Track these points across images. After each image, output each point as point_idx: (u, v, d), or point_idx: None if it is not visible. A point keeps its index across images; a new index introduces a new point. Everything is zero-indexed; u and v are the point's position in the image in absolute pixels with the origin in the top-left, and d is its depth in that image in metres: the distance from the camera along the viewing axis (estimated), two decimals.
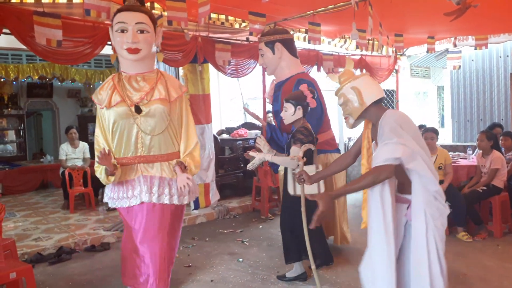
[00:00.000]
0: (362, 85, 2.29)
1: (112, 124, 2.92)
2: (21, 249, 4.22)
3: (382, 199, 2.23)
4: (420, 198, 2.19)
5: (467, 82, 8.68)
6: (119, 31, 2.83)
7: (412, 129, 2.19)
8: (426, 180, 2.15)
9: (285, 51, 3.94)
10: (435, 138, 4.80)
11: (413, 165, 2.12)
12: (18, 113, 9.78)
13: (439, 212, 2.19)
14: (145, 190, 2.93)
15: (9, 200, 6.91)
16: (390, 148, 2.11)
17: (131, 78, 2.98)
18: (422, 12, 5.01)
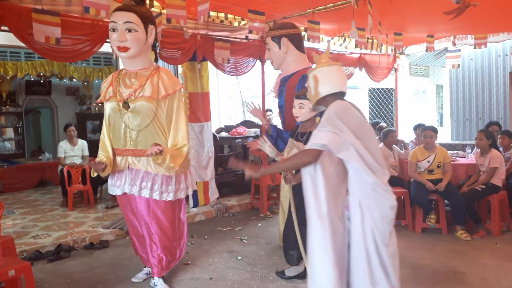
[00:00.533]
0: (322, 76, 2.36)
1: (108, 117, 3.21)
2: (20, 246, 4.22)
3: (314, 183, 2.27)
4: (355, 188, 2.24)
5: (466, 81, 8.69)
6: (111, 30, 3.01)
7: (353, 121, 2.22)
8: (360, 172, 2.19)
9: (291, 46, 3.87)
10: (434, 136, 4.81)
11: (343, 154, 2.16)
12: (17, 110, 9.76)
13: (376, 203, 2.21)
14: (128, 182, 3.20)
15: (7, 197, 6.89)
16: (320, 134, 2.19)
17: (126, 75, 3.18)
18: (421, 11, 5.01)
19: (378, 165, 2.20)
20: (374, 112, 11.92)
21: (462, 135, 8.81)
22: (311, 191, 2.27)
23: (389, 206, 2.22)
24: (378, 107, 11.92)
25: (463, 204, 4.57)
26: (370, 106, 11.95)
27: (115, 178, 3.31)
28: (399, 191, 5.01)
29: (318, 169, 2.25)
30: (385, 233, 2.23)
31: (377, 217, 2.21)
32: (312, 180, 2.27)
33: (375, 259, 2.21)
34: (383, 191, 2.20)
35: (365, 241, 2.21)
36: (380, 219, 2.21)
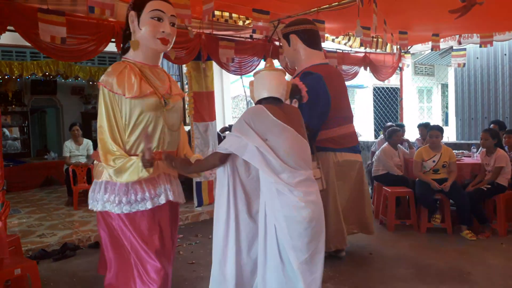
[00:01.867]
0: (257, 82, 2.45)
1: (137, 116, 2.60)
2: (26, 245, 4.25)
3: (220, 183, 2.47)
4: (263, 189, 2.32)
5: (472, 80, 8.64)
6: (155, 19, 2.61)
7: (264, 125, 2.27)
8: (262, 172, 2.27)
9: (300, 43, 3.78)
10: (439, 136, 4.79)
11: (247, 156, 2.27)
12: (22, 110, 9.82)
13: (281, 204, 2.22)
14: (168, 188, 2.74)
15: (13, 196, 6.94)
16: (226, 139, 2.36)
17: (152, 69, 2.77)
18: (427, 10, 4.99)
19: (286, 165, 2.23)
20: (379, 111, 11.89)
21: (467, 134, 8.76)
22: (218, 192, 2.48)
23: (294, 208, 2.21)
24: (383, 106, 11.89)
25: (468, 204, 4.55)
26: (375, 105, 11.92)
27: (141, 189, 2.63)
28: (404, 190, 5.00)
29: (228, 171, 2.43)
30: (290, 235, 2.21)
31: (281, 218, 2.22)
32: (220, 181, 2.46)
33: (274, 262, 2.25)
34: (289, 192, 2.21)
35: (265, 243, 2.29)
36: (284, 220, 2.21)
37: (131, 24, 2.67)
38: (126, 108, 2.59)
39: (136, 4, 2.66)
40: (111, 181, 2.59)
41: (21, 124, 9.95)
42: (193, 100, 5.64)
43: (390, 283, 3.41)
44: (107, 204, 2.59)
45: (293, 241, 2.20)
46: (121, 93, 2.56)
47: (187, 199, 6.09)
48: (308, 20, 4.04)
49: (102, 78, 2.62)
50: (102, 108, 2.58)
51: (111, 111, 2.58)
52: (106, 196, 2.60)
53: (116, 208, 2.57)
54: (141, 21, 2.64)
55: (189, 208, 5.78)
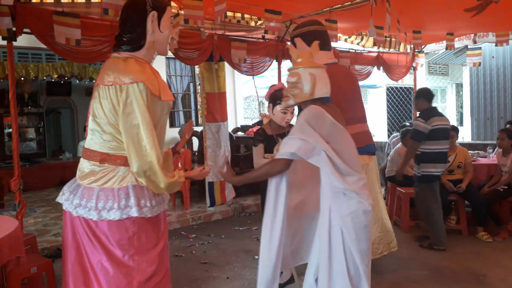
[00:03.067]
0: (319, 76, 2.29)
1: (159, 118, 2.45)
2: (41, 244, 4.31)
3: (277, 192, 2.27)
4: (326, 192, 2.22)
5: (487, 79, 8.51)
6: (172, 25, 2.56)
7: (326, 127, 2.18)
8: (331, 177, 2.17)
9: (305, 45, 3.79)
10: (454, 136, 4.73)
11: (314, 160, 2.15)
12: (38, 111, 9.97)
13: (349, 209, 2.18)
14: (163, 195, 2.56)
15: (29, 196, 7.05)
16: (289, 143, 2.17)
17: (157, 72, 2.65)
18: (441, 8, 4.93)
19: (352, 170, 2.19)
20: (392, 111, 11.79)
21: (483, 134, 8.63)
22: (272, 202, 2.29)
23: (362, 212, 2.19)
24: (396, 106, 11.78)
25: (484, 205, 4.48)
26: (388, 105, 11.82)
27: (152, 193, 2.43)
28: None
29: (284, 180, 2.27)
30: (361, 241, 2.20)
31: (349, 223, 2.18)
32: (276, 190, 2.29)
33: (340, 267, 2.20)
34: (356, 196, 2.18)
35: (330, 247, 2.21)
36: (352, 224, 2.18)
37: (151, 23, 2.50)
38: (156, 111, 2.38)
39: (158, 6, 2.56)
40: (138, 185, 2.36)
41: (36, 125, 10.10)
42: (206, 101, 5.67)
43: (403, 285, 3.38)
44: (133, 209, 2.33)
45: (360, 244, 2.19)
46: (157, 95, 2.36)
47: (199, 199, 6.17)
48: (313, 21, 3.98)
49: (140, 76, 2.36)
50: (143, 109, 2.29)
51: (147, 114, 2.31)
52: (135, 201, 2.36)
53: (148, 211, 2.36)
54: (162, 24, 2.54)
55: (202, 208, 5.81)
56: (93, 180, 2.37)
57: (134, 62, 2.47)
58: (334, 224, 2.19)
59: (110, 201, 2.33)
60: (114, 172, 2.40)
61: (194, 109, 9.05)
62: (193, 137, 7.38)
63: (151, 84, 2.35)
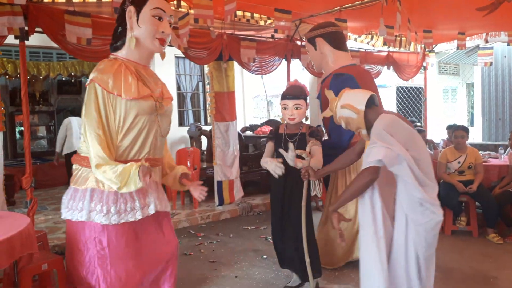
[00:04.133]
0: (348, 99, 2.33)
1: (132, 119, 2.41)
2: (52, 241, 4.35)
3: (372, 204, 2.24)
4: (403, 202, 2.20)
5: (499, 79, 8.42)
6: (157, 17, 2.45)
7: (404, 135, 2.17)
8: (409, 186, 2.14)
9: (327, 45, 3.72)
10: (465, 136, 4.68)
11: (396, 168, 2.13)
12: (49, 109, 10.06)
13: (425, 219, 2.17)
14: (155, 196, 2.52)
15: (40, 193, 7.13)
16: (373, 151, 2.13)
17: (146, 70, 2.59)
18: (452, 7, 4.88)
19: (427, 179, 2.16)
20: (402, 111, 11.70)
21: (494, 135, 8.53)
22: (369, 211, 2.24)
23: (436, 222, 2.18)
24: (407, 106, 11.70)
25: (495, 206, 4.43)
26: (398, 105, 11.74)
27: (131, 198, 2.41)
28: None
29: (376, 189, 2.23)
30: (428, 248, 2.22)
31: (421, 232, 2.18)
32: (370, 200, 2.24)
33: (413, 273, 2.22)
34: (431, 206, 2.16)
35: (407, 254, 2.21)
36: (424, 234, 2.19)
37: (129, 20, 2.46)
38: (121, 110, 2.38)
39: (136, 0, 2.47)
40: (98, 189, 2.36)
41: (47, 123, 10.20)
42: (214, 100, 5.68)
43: None
44: (92, 214, 2.34)
45: (427, 252, 2.23)
46: (116, 94, 2.35)
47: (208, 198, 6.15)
48: (332, 23, 3.96)
49: (95, 75, 2.40)
50: (92, 108, 2.33)
51: (103, 112, 2.35)
52: (92, 205, 2.35)
53: (103, 218, 2.33)
54: (141, 18, 2.45)
55: (210, 207, 5.82)
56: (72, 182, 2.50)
57: (107, 61, 2.50)
58: (410, 233, 2.19)
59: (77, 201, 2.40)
60: (79, 172, 2.48)
61: (203, 108, 9.07)
62: (202, 136, 7.40)
63: (106, 83, 2.34)
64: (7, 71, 7.17)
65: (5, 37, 3.63)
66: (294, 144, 3.03)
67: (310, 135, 3.09)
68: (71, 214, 2.39)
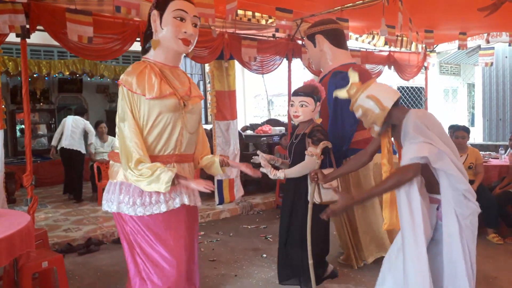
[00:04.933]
0: (376, 92, 2.27)
1: (156, 116, 2.58)
2: (52, 239, 4.36)
3: (409, 200, 2.16)
4: (449, 197, 2.14)
5: (500, 80, 8.41)
6: (178, 19, 2.58)
7: (438, 128, 2.15)
8: (454, 179, 2.10)
9: (326, 43, 3.66)
10: (466, 137, 4.68)
11: (440, 164, 2.07)
12: (50, 107, 10.07)
13: (469, 210, 2.14)
14: (184, 191, 2.67)
15: (41, 191, 7.14)
16: (416, 147, 2.06)
17: (172, 70, 2.75)
18: (454, 7, 4.88)
19: (464, 172, 2.15)
20: None
21: (495, 135, 8.53)
22: (407, 211, 2.16)
23: (477, 212, 2.17)
24: (408, 106, 11.69)
25: (495, 206, 4.43)
26: None
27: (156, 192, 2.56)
28: None
29: (414, 184, 2.14)
30: (474, 242, 2.19)
31: (469, 225, 2.15)
32: (408, 198, 2.16)
33: (469, 270, 2.18)
34: (472, 197, 2.14)
35: (463, 251, 2.15)
36: (471, 226, 2.16)
37: (153, 23, 2.64)
38: (144, 108, 2.56)
39: (159, 3, 2.63)
40: (126, 182, 2.55)
41: (48, 121, 10.21)
42: (215, 99, 5.68)
43: None
44: (121, 205, 2.54)
45: (473, 245, 2.19)
46: (140, 93, 2.53)
47: (208, 197, 6.18)
48: (332, 20, 3.91)
49: (122, 77, 2.60)
50: (125, 109, 2.55)
51: (130, 111, 2.54)
52: (120, 197, 2.55)
53: (130, 209, 2.52)
54: (163, 21, 2.61)
55: (210, 206, 5.83)
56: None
57: (135, 64, 2.69)
58: (462, 227, 2.14)
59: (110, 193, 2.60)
60: (113, 167, 2.68)
61: (203, 107, 9.08)
62: None
63: (130, 84, 2.52)
64: (8, 69, 7.16)
65: (6, 35, 3.63)
66: (293, 144, 3.03)
67: (308, 136, 3.00)
68: (108, 206, 2.60)
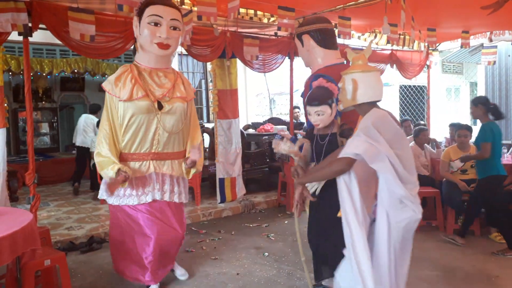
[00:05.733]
0: (362, 81, 2.27)
1: (129, 117, 2.82)
2: (54, 237, 4.37)
3: (349, 188, 2.26)
4: (384, 198, 2.22)
5: (503, 78, 8.38)
6: (152, 24, 2.76)
7: (391, 132, 2.19)
8: (390, 183, 2.16)
9: (312, 42, 3.58)
10: (468, 135, 4.67)
11: (377, 165, 2.13)
12: (52, 106, 10.09)
13: (404, 215, 2.20)
14: (157, 187, 2.97)
15: (43, 190, 7.15)
16: (355, 143, 2.16)
17: (152, 73, 2.92)
18: (457, 6, 4.85)
19: (410, 176, 2.19)
20: (405, 110, 11.68)
21: None
22: (348, 199, 2.25)
23: (414, 220, 2.22)
24: (410, 104, 11.67)
25: (498, 205, 4.41)
26: (401, 104, 11.71)
27: (134, 185, 2.95)
28: (430, 191, 4.89)
29: (353, 176, 2.23)
30: (405, 246, 2.26)
31: (401, 229, 2.22)
32: (347, 188, 2.25)
33: (392, 267, 2.25)
34: (411, 204, 2.18)
35: (389, 250, 2.24)
36: (403, 231, 2.23)
37: (135, 29, 2.86)
38: (120, 110, 2.82)
39: (139, 10, 2.83)
40: None
41: (50, 120, 10.23)
42: (217, 98, 5.68)
43: (414, 285, 3.35)
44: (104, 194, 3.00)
45: (402, 250, 2.27)
46: (117, 96, 2.80)
47: (210, 195, 6.20)
48: (321, 19, 3.83)
49: (105, 82, 2.89)
50: (104, 110, 2.88)
51: (110, 113, 2.84)
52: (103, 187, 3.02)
53: (109, 199, 2.99)
54: (141, 27, 2.81)
55: (213, 204, 5.83)
56: None
57: (122, 67, 2.95)
58: (391, 229, 2.21)
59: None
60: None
61: (205, 105, 9.08)
62: (204, 134, 7.41)
63: (109, 87, 2.83)
64: (11, 67, 7.17)
65: (8, 34, 3.63)
66: (323, 145, 2.92)
67: (340, 135, 2.95)
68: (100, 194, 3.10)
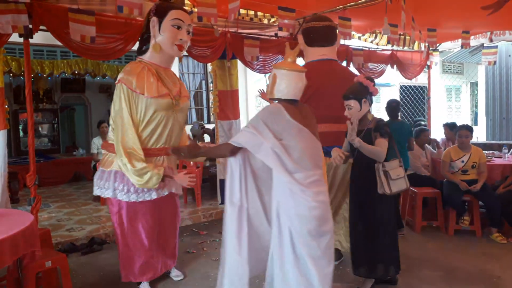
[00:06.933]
0: (282, 78, 2.39)
1: (151, 114, 2.91)
2: (55, 239, 4.37)
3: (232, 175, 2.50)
4: (275, 187, 2.37)
5: (504, 78, 8.37)
6: (175, 27, 2.95)
7: (280, 125, 2.32)
8: (276, 172, 2.32)
9: (302, 42, 3.82)
10: (469, 136, 4.66)
11: (260, 155, 2.31)
12: (53, 107, 10.09)
13: (294, 203, 2.30)
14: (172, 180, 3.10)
15: (44, 191, 7.14)
16: (240, 133, 2.40)
17: (165, 71, 3.10)
18: (457, 6, 4.85)
19: (298, 167, 2.30)
20: (406, 110, 11.68)
21: (498, 134, 8.49)
22: (228, 179, 2.49)
23: (306, 207, 2.30)
24: (410, 104, 11.67)
25: (499, 206, 4.42)
26: (402, 104, 11.71)
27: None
28: (431, 191, 4.89)
29: (240, 160, 2.46)
30: (303, 233, 2.32)
31: (294, 217, 2.31)
32: (231, 170, 2.49)
33: (289, 257, 2.33)
34: (300, 192, 2.29)
35: (281, 237, 2.34)
36: (296, 218, 2.31)
37: (152, 28, 2.94)
38: (142, 106, 2.87)
39: (159, 11, 2.94)
40: (120, 171, 2.88)
41: (51, 121, 10.23)
42: (218, 99, 5.68)
43: (415, 285, 3.35)
44: (117, 192, 2.93)
45: (305, 238, 2.32)
46: (139, 92, 2.83)
47: (211, 196, 6.20)
48: (314, 17, 4.02)
49: (122, 76, 2.90)
50: (122, 104, 2.83)
51: (129, 108, 2.84)
52: (115, 185, 2.93)
53: (124, 196, 2.92)
54: (162, 27, 2.92)
55: (213, 205, 5.83)
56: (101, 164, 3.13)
57: (133, 64, 3.01)
58: (282, 218, 2.34)
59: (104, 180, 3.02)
60: (106, 156, 3.07)
61: (206, 106, 9.08)
62: (205, 135, 7.40)
63: (130, 83, 2.84)
64: (11, 69, 7.17)
65: (9, 35, 3.63)
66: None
67: (374, 131, 3.05)
68: (100, 191, 3.03)
